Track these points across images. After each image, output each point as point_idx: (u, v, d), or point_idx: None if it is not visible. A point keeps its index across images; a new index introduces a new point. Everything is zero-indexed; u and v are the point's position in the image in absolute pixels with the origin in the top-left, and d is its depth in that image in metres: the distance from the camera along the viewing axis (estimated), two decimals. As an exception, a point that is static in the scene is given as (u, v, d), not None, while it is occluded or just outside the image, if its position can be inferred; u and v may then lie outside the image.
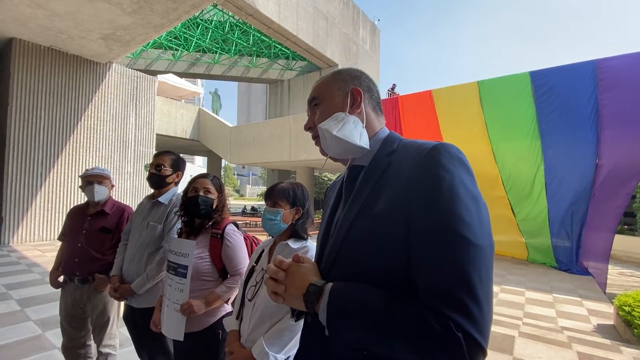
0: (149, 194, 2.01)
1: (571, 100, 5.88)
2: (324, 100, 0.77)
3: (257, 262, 1.38)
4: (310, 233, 1.38)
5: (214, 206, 1.62)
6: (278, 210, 1.30)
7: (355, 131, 0.70)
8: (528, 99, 6.31)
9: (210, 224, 1.61)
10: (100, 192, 2.06)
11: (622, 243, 9.92)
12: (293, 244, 1.29)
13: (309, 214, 1.38)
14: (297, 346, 1.19)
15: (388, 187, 0.65)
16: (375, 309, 0.55)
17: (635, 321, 3.37)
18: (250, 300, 1.27)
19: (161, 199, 1.89)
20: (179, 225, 1.77)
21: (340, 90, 0.77)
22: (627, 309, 3.57)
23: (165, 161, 1.89)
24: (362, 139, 0.71)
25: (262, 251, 1.40)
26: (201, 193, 1.58)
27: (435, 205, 0.56)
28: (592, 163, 5.82)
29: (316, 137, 0.78)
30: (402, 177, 0.63)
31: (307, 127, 0.80)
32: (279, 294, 0.65)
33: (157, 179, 1.88)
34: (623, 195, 5.78)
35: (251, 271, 1.36)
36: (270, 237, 1.42)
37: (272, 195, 1.34)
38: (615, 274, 7.76)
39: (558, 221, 6.35)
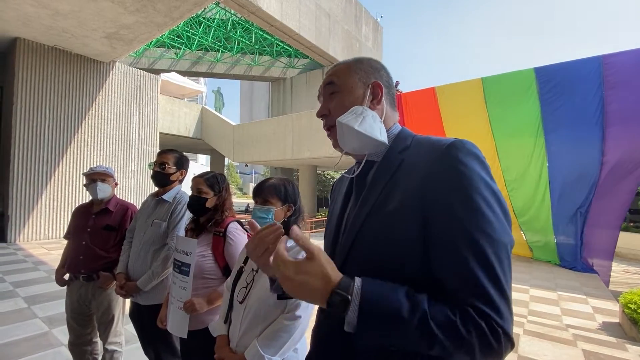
0: (152, 192, 2.02)
1: (576, 97, 5.80)
2: (343, 90, 0.73)
3: (245, 262, 1.32)
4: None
5: (211, 205, 1.62)
6: (269, 207, 1.22)
7: (375, 126, 0.68)
8: (533, 96, 6.23)
9: (211, 222, 1.61)
10: (103, 190, 2.07)
11: (627, 240, 9.81)
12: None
13: (300, 211, 1.33)
14: (293, 348, 1.16)
15: (402, 184, 0.63)
16: (405, 315, 0.52)
17: (641, 319, 3.35)
18: (240, 302, 1.20)
19: (165, 196, 1.90)
20: (184, 222, 1.79)
21: (361, 81, 0.73)
22: (632, 306, 3.54)
23: (169, 159, 1.91)
24: (382, 134, 0.69)
25: None
26: (194, 193, 1.61)
27: (455, 203, 0.56)
28: (597, 160, 5.74)
29: (329, 128, 0.74)
30: (417, 174, 0.61)
31: (321, 115, 0.75)
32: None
33: (161, 177, 1.89)
34: (627, 192, 5.71)
35: (239, 272, 1.29)
36: None
37: (262, 192, 1.25)
38: (620, 272, 7.69)
39: (562, 219, 6.29)
